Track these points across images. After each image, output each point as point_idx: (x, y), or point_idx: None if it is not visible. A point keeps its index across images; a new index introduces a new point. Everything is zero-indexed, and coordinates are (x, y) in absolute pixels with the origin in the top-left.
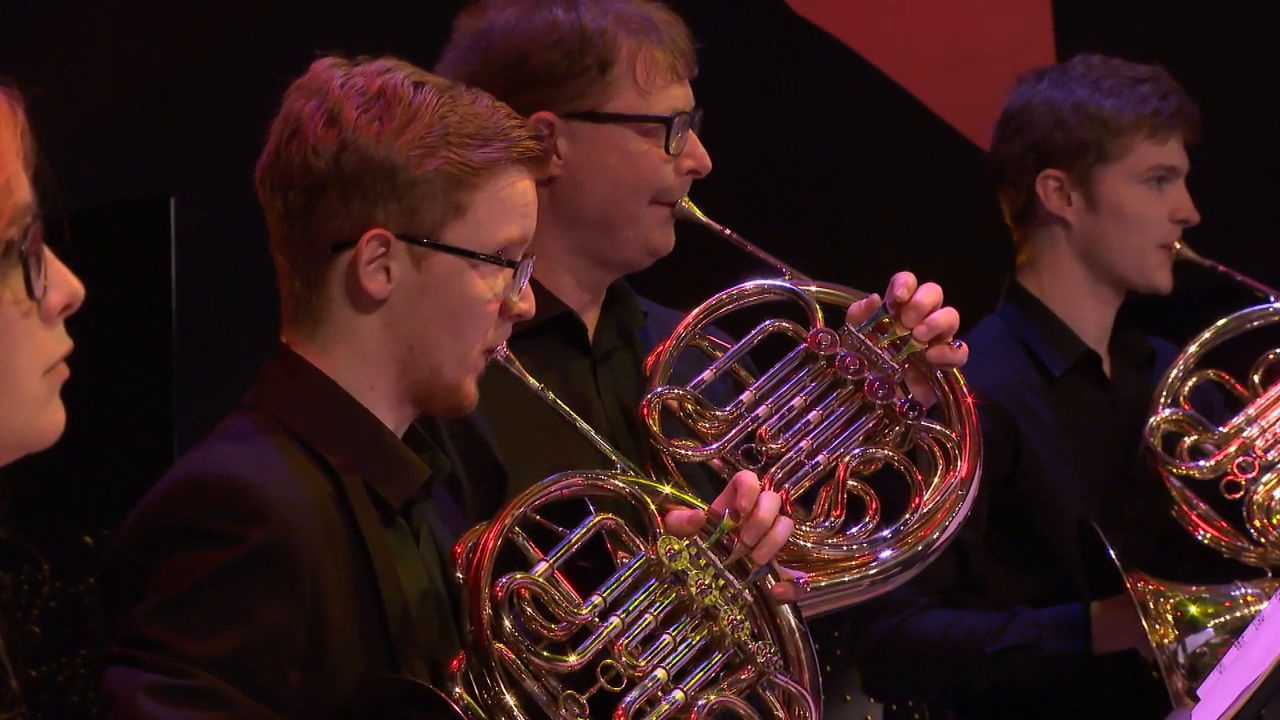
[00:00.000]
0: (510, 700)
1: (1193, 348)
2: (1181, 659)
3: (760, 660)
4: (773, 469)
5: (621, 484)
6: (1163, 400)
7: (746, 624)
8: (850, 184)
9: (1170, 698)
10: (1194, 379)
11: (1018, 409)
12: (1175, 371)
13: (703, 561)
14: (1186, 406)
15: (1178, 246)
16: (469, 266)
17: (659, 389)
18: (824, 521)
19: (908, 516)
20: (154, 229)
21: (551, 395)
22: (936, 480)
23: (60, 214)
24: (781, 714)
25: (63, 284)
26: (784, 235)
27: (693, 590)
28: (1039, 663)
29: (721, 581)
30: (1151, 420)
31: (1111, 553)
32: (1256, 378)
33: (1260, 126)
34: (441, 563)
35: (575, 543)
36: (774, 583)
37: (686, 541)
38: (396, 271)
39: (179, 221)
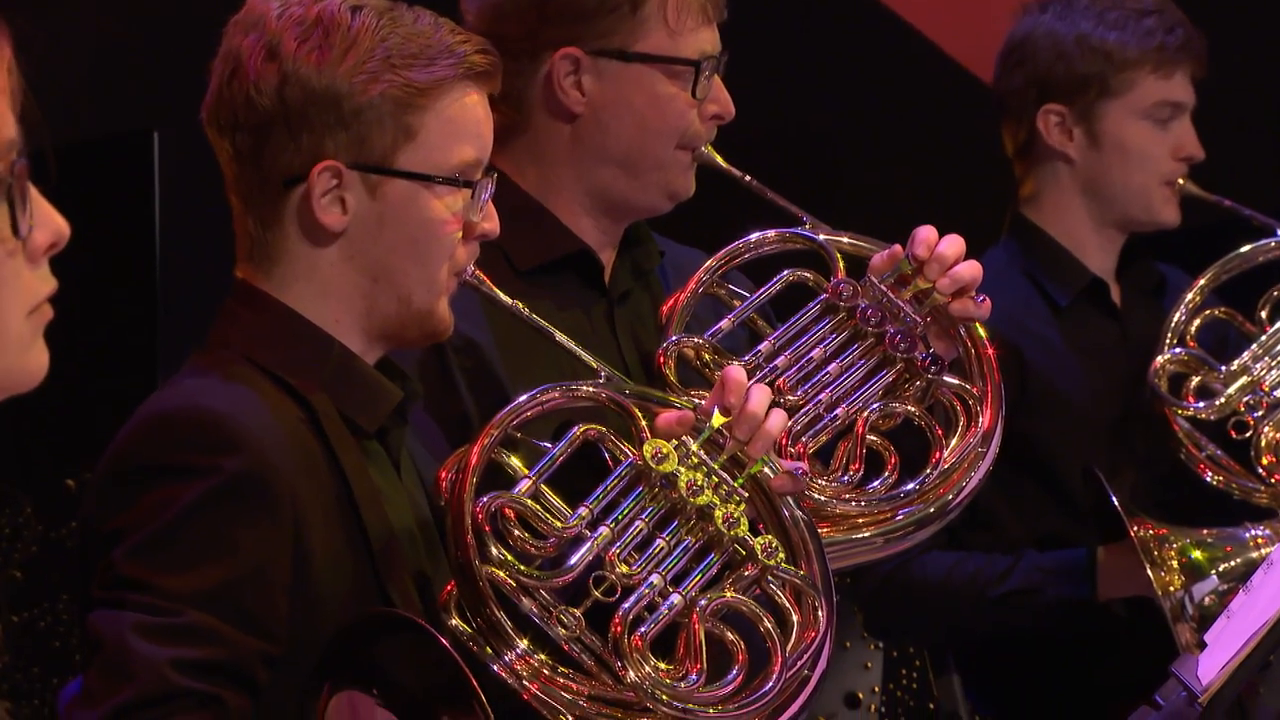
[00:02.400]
0: (504, 621)
1: (1200, 284)
2: (1188, 606)
3: (762, 555)
4: (791, 421)
5: (603, 392)
6: (1168, 340)
7: (744, 520)
8: (852, 118)
9: (1178, 646)
10: (1201, 317)
11: (1024, 338)
12: (1181, 310)
13: (693, 461)
14: (1193, 345)
15: (1181, 182)
16: (425, 190)
17: (675, 337)
18: (842, 476)
19: (928, 472)
20: (137, 165)
21: (527, 311)
22: (957, 436)
23: (46, 151)
24: (790, 607)
25: (48, 223)
26: (785, 171)
27: (683, 491)
28: (1042, 608)
29: (715, 479)
30: (1156, 361)
31: (1115, 500)
32: (1264, 313)
33: (1267, 61)
34: (427, 490)
35: (559, 456)
36: (772, 476)
37: (675, 443)
38: (352, 202)
39: (163, 157)
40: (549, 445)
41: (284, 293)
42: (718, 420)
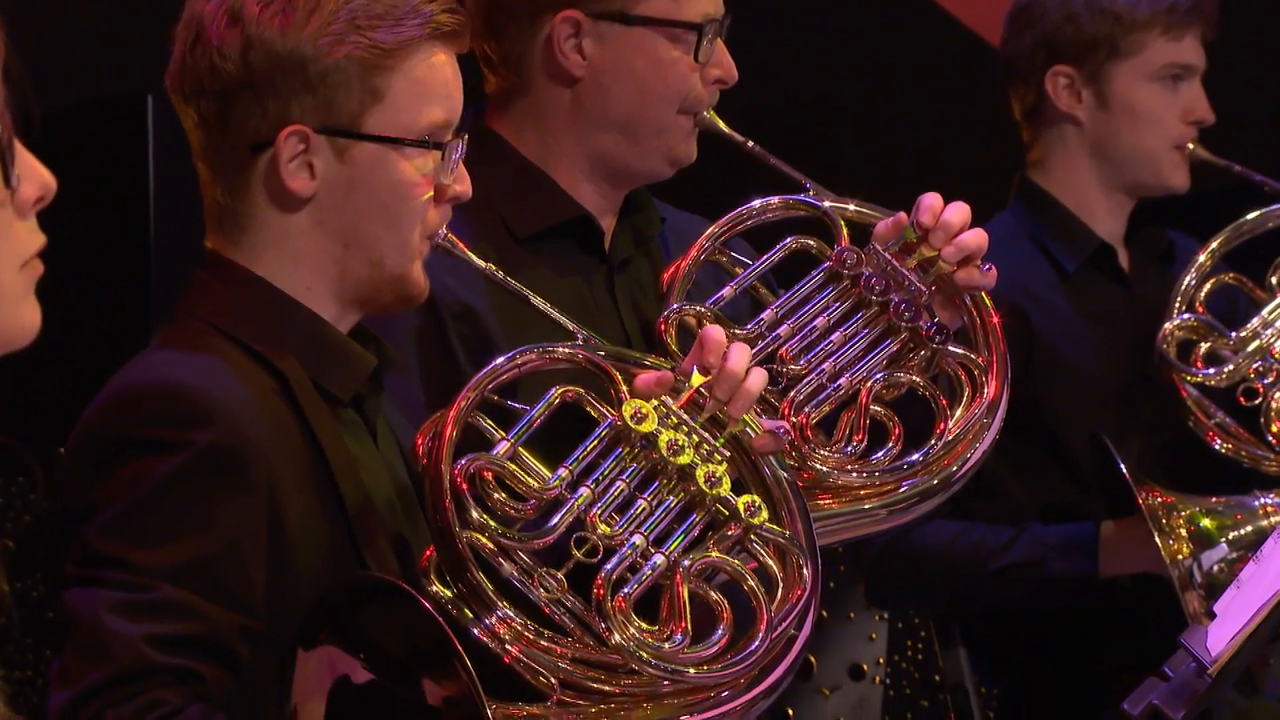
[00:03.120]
0: (485, 585)
1: (1210, 249)
2: (1197, 576)
3: (745, 514)
4: (793, 391)
5: (579, 353)
6: (1177, 306)
7: (726, 479)
8: (857, 82)
9: (1186, 617)
10: (1210, 282)
11: (1030, 305)
12: (1190, 275)
13: (673, 421)
14: (1202, 311)
15: (1191, 147)
16: (394, 153)
17: (676, 305)
18: (845, 447)
19: (932, 443)
20: (131, 129)
21: (501, 274)
22: (962, 406)
23: (31, 107)
24: (774, 566)
25: (34, 176)
26: (788, 136)
27: (664, 451)
28: (1043, 582)
29: (696, 439)
30: (1165, 327)
31: (1122, 467)
32: (1275, 280)
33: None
34: (405, 457)
35: (537, 418)
36: (754, 435)
37: (654, 403)
38: (320, 167)
39: (156, 121)
40: (526, 407)
41: (254, 261)
42: (697, 380)
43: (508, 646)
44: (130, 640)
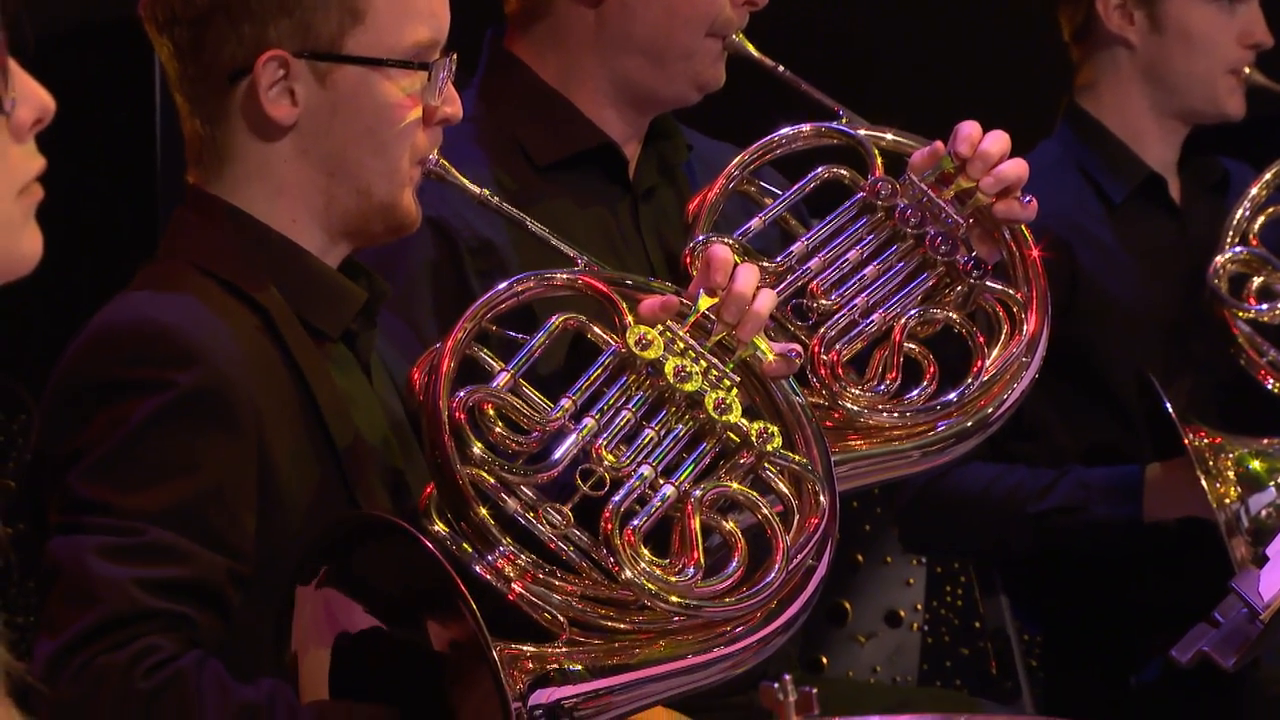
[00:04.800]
0: (488, 522)
1: (1265, 179)
2: (1244, 519)
3: (757, 441)
4: (824, 327)
5: (579, 278)
6: (1229, 239)
7: (736, 406)
8: (892, 2)
9: (1233, 563)
10: (1265, 214)
11: (1074, 238)
12: (1243, 206)
13: (679, 346)
14: (1256, 244)
15: (1247, 71)
16: (378, 75)
17: (703, 236)
18: (877, 386)
19: (969, 383)
20: (137, 53)
21: (496, 199)
22: (1000, 344)
23: (26, 28)
24: (790, 494)
25: (32, 97)
26: (820, 61)
27: (671, 378)
28: (1085, 527)
29: (704, 364)
30: (1216, 261)
31: (1169, 407)
32: None
33: None
34: (400, 393)
35: (538, 348)
36: (765, 359)
37: (660, 328)
38: (301, 93)
39: None
40: (526, 337)
41: (235, 194)
42: (704, 303)
43: (512, 584)
44: (119, 584)
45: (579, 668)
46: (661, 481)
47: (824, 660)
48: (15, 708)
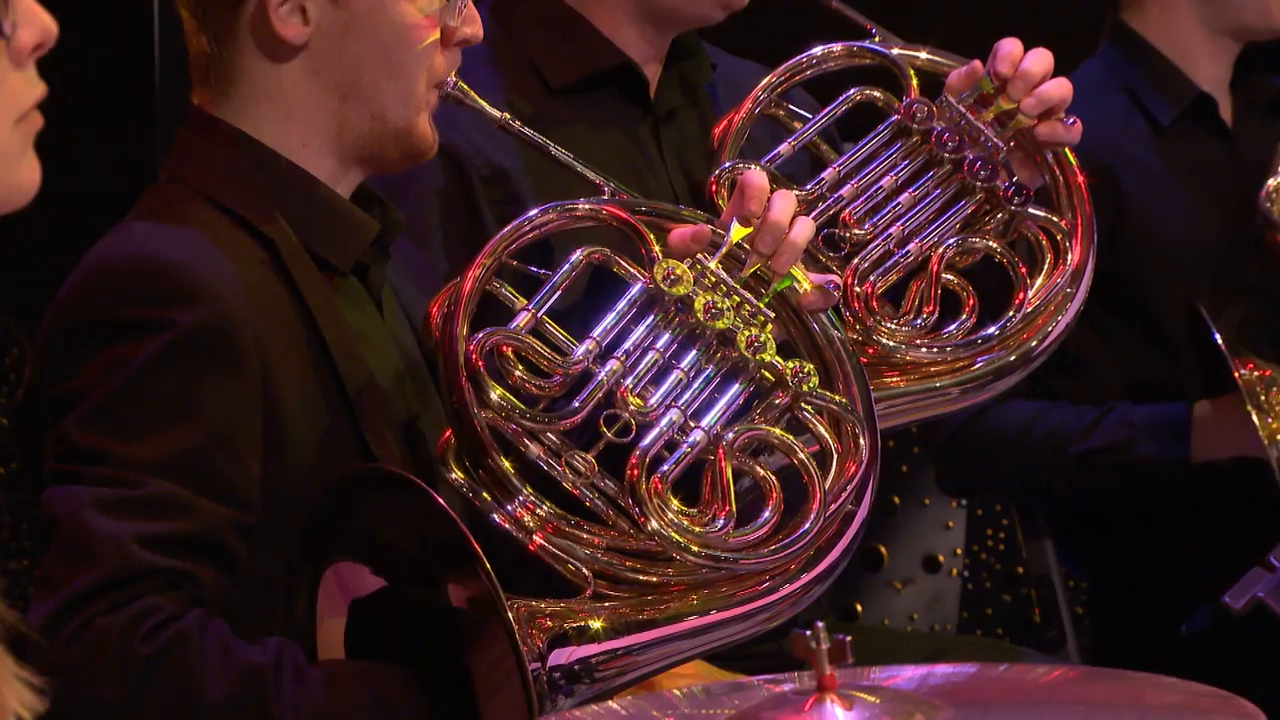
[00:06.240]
0: (507, 470)
1: None
2: None
3: (792, 380)
4: (857, 258)
5: (604, 208)
6: None
7: (771, 343)
8: None
9: None
10: None
11: (1120, 162)
12: None
13: (710, 280)
14: None
15: None
16: None
17: (729, 162)
18: (914, 319)
19: (1010, 315)
20: None
21: (518, 124)
22: (1043, 275)
23: None
24: (828, 436)
25: (33, 20)
26: None
27: (701, 315)
28: (1130, 469)
29: (736, 300)
30: (1269, 184)
31: (1219, 337)
32: None
33: None
34: (415, 329)
35: (561, 284)
36: (801, 292)
37: (689, 262)
38: (313, 11)
39: None
40: (549, 273)
41: (243, 117)
42: (737, 233)
43: (533, 535)
44: (118, 540)
45: (601, 625)
46: (691, 425)
47: (858, 607)
48: (10, 656)
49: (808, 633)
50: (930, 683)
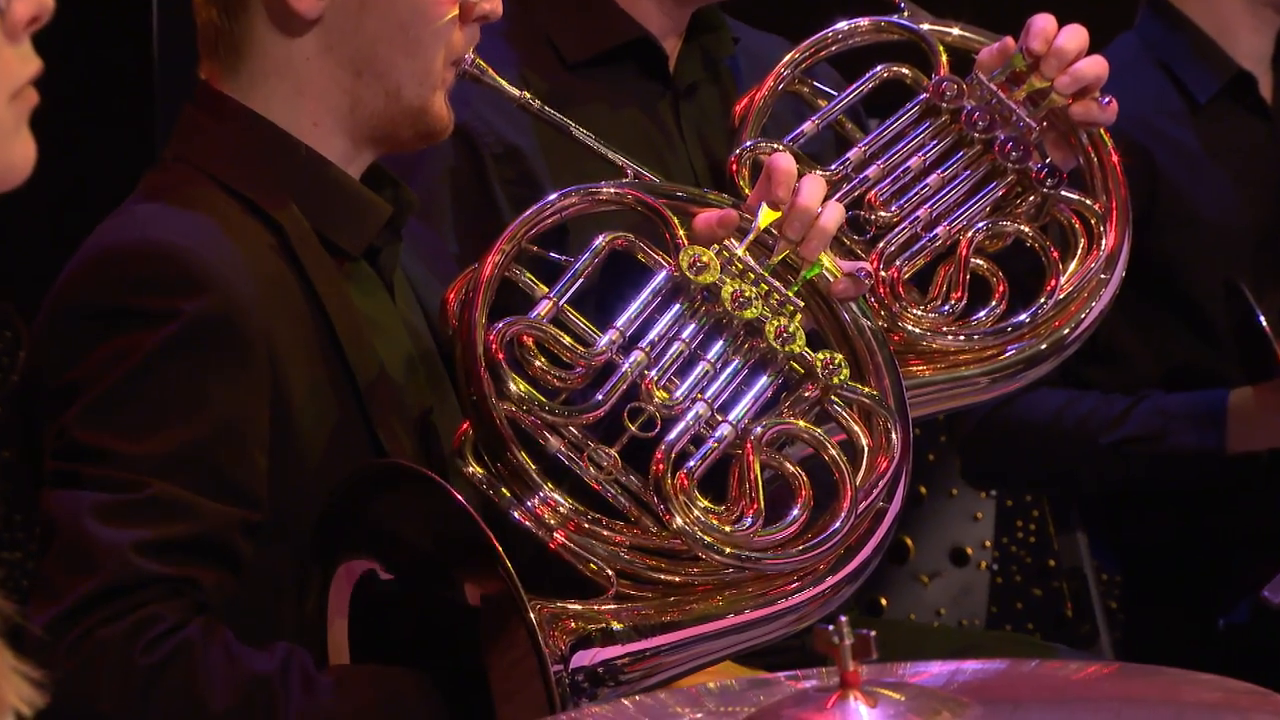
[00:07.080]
0: (527, 465)
1: None
2: None
3: (823, 372)
4: (883, 242)
5: (628, 192)
6: None
7: (800, 333)
8: None
9: None
10: None
11: (1156, 141)
12: None
13: (738, 268)
14: None
15: None
16: None
17: (751, 141)
18: (942, 306)
19: (1042, 302)
20: None
21: (538, 103)
22: (1076, 260)
23: None
24: (859, 430)
25: None
26: None
27: (728, 304)
28: (1163, 459)
29: (764, 288)
30: None
31: (1262, 320)
32: None
33: None
34: (428, 315)
35: (583, 271)
36: (831, 280)
37: (716, 248)
38: None
39: None
40: (570, 259)
41: (252, 94)
42: (766, 218)
43: (554, 532)
44: (118, 548)
45: (625, 626)
46: (718, 419)
47: (883, 601)
48: (8, 649)
49: (830, 628)
50: (958, 679)
